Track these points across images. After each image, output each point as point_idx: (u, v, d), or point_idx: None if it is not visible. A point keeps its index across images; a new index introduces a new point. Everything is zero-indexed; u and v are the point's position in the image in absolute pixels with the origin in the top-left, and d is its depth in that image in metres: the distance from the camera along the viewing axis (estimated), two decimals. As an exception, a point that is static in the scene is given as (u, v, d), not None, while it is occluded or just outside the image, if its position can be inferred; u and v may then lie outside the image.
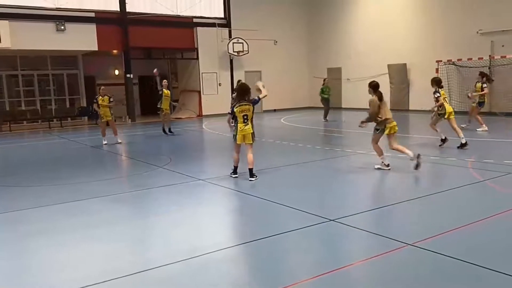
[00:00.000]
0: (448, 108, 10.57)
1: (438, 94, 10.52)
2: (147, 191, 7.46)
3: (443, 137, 10.61)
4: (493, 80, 13.39)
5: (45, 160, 11.65)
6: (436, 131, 10.82)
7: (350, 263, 4.28)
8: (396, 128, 8.26)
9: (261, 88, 8.02)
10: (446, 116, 10.49)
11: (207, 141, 15.23)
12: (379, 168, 8.28)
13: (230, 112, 7.86)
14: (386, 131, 8.21)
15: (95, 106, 13.61)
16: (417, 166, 7.84)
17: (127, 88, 21.71)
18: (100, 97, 13.42)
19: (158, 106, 15.09)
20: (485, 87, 13.22)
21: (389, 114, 8.20)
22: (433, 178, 7.92)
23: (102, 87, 14.02)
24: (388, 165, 8.26)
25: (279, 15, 24.99)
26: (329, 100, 18.64)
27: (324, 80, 19.45)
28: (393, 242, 4.60)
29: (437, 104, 10.51)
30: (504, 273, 3.79)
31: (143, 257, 4.71)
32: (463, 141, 10.15)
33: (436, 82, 10.92)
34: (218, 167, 9.43)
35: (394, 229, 5.13)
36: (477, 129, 12.95)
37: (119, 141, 13.60)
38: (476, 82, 13.59)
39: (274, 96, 24.53)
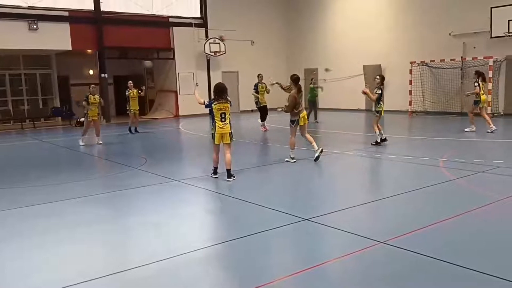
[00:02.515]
0: (382, 107, 11.20)
1: (380, 92, 11.16)
2: (122, 192, 7.39)
3: (384, 137, 11.12)
4: (482, 80, 12.97)
5: (17, 162, 11.41)
6: (376, 130, 11.20)
7: (324, 261, 4.32)
8: (306, 119, 9.22)
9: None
10: (382, 114, 11.18)
11: (183, 142, 15.16)
12: (287, 161, 9.20)
13: (206, 104, 7.76)
14: (301, 122, 9.13)
15: (84, 103, 13.48)
16: (317, 158, 9.04)
17: (102, 88, 21.41)
18: (91, 95, 13.35)
19: (127, 108, 15.83)
20: (476, 86, 12.92)
21: (301, 106, 9.21)
22: (405, 177, 8.06)
23: (93, 85, 14.16)
24: (293, 158, 9.21)
25: (257, 16, 25.05)
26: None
27: (312, 79, 19.35)
28: (365, 240, 4.67)
29: (373, 98, 11.21)
30: (475, 270, 3.90)
31: (119, 258, 4.67)
32: (381, 138, 11.02)
33: (381, 79, 11.37)
34: (194, 168, 9.42)
35: (367, 228, 5.22)
36: (465, 129, 13.01)
37: (100, 142, 13.40)
38: (474, 82, 13.30)
39: (250, 96, 24.63)
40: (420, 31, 19.53)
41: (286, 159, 9.29)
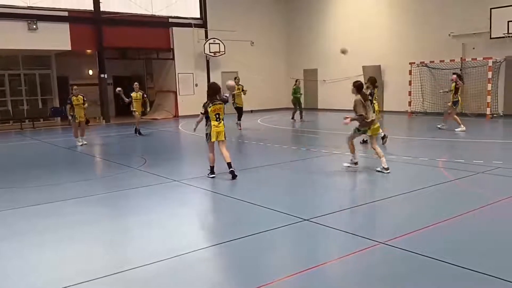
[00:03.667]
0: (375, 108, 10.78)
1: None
2: (122, 193, 7.39)
3: (365, 140, 10.90)
4: (461, 82, 13.59)
5: (17, 162, 11.40)
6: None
7: (324, 261, 4.33)
8: (379, 129, 8.46)
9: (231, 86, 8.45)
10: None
11: (183, 142, 15.16)
12: (348, 167, 8.37)
13: (202, 112, 7.94)
14: (369, 132, 8.30)
15: (68, 107, 13.44)
16: (382, 171, 7.98)
17: (101, 89, 21.43)
18: (74, 97, 13.27)
19: (132, 109, 15.50)
20: (453, 85, 13.54)
21: (372, 116, 8.33)
22: (404, 178, 8.06)
23: (75, 87, 13.91)
24: (356, 163, 8.43)
25: (256, 16, 25.07)
26: (299, 100, 18.97)
27: (296, 81, 19.72)
28: (365, 241, 4.67)
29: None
30: (475, 271, 3.90)
31: (119, 258, 4.67)
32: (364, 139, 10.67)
33: (371, 82, 11.00)
34: (194, 168, 9.41)
35: (367, 228, 5.22)
36: (455, 129, 13.11)
37: (85, 142, 13.36)
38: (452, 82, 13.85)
39: (251, 97, 24.67)
40: (420, 32, 19.54)
41: (347, 164, 8.41)
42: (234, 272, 4.26)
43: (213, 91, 7.98)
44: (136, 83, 15.88)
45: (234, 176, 7.74)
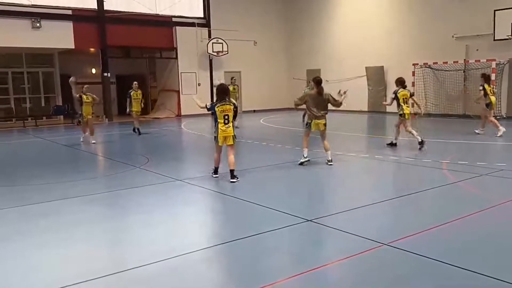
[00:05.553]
0: (406, 109, 10.69)
1: (393, 95, 10.86)
2: (124, 191, 7.38)
3: (420, 140, 10.45)
4: (486, 82, 12.74)
5: (19, 160, 11.43)
6: (412, 133, 10.70)
7: (326, 262, 4.32)
8: (321, 127, 9.04)
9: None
10: (406, 117, 10.69)
11: (186, 142, 15.16)
12: (301, 162, 8.96)
13: (208, 107, 7.85)
14: (313, 128, 8.99)
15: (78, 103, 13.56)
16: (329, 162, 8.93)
17: (104, 87, 21.45)
18: (84, 95, 13.37)
19: (128, 109, 15.33)
20: (480, 89, 12.79)
21: (317, 113, 8.99)
22: (408, 179, 8.05)
23: (86, 86, 13.93)
24: (306, 157, 9.02)
25: (259, 16, 25.07)
26: None
27: (309, 82, 19.53)
28: (369, 242, 4.66)
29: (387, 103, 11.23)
30: (476, 272, 3.89)
31: (119, 258, 4.67)
32: (419, 141, 10.38)
33: (400, 83, 10.93)
34: (197, 168, 9.41)
35: (370, 229, 5.19)
36: (497, 134, 12.33)
37: (93, 141, 13.39)
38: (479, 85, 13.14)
39: (253, 97, 24.71)
40: (423, 33, 19.50)
41: (300, 160, 9.04)
42: (236, 273, 4.25)
43: (221, 92, 7.85)
44: (135, 82, 15.79)
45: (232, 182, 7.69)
